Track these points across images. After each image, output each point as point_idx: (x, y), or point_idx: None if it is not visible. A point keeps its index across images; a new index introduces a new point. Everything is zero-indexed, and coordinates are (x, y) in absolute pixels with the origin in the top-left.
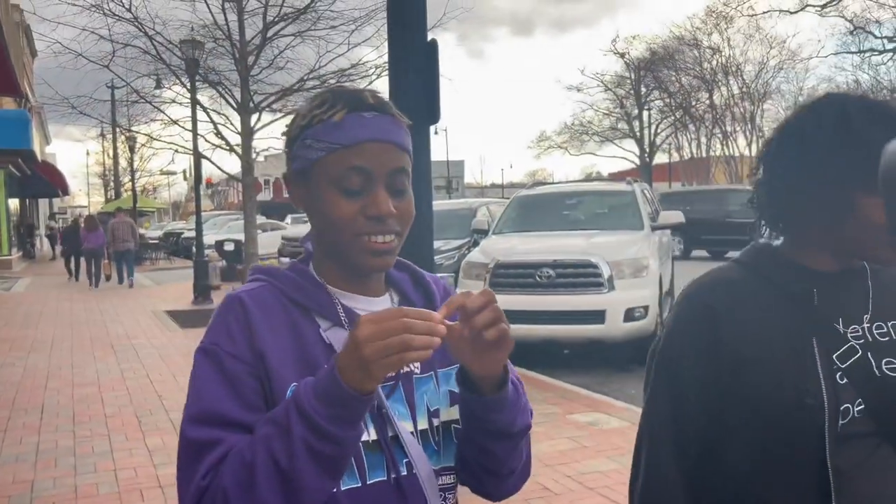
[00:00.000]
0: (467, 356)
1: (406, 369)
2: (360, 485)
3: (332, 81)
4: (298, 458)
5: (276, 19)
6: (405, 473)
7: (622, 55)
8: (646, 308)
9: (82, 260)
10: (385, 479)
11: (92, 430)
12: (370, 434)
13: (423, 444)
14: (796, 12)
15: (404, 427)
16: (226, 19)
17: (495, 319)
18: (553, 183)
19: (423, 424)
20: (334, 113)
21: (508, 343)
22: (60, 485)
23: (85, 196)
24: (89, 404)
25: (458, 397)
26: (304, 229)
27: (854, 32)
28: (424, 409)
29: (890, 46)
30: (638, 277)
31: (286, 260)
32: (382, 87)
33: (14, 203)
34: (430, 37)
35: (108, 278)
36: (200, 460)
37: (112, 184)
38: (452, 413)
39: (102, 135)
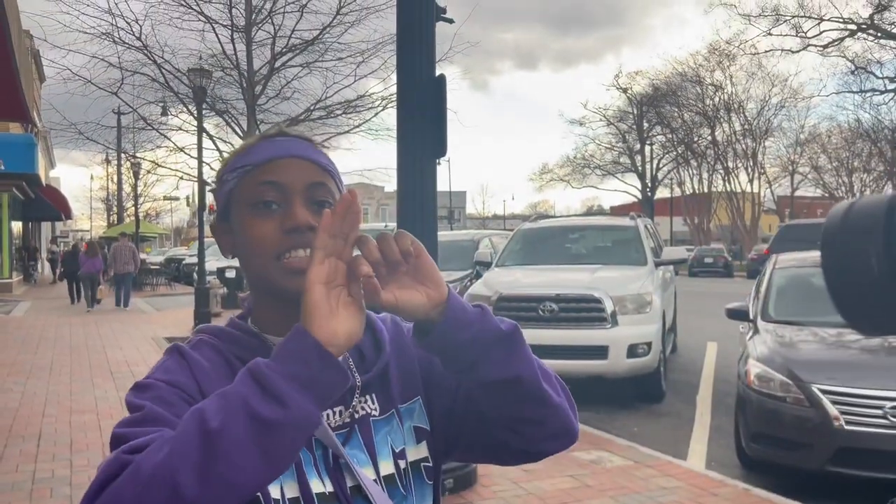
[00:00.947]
0: (399, 298)
1: (361, 412)
2: None
3: (339, 112)
4: (231, 417)
5: (284, 50)
6: None
7: (625, 90)
8: (649, 344)
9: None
10: None
11: (89, 460)
12: (325, 486)
13: (390, 489)
14: (798, 51)
15: (366, 475)
16: (234, 49)
17: (394, 249)
18: (557, 216)
19: (387, 469)
20: (248, 143)
21: (421, 258)
22: None
23: (87, 220)
24: (87, 432)
25: (424, 432)
26: None
27: (855, 72)
28: (388, 452)
29: (891, 87)
30: (641, 313)
31: None
32: (389, 119)
33: (17, 226)
34: (438, 71)
35: (98, 301)
36: (119, 447)
37: (115, 208)
38: (421, 451)
39: (107, 160)
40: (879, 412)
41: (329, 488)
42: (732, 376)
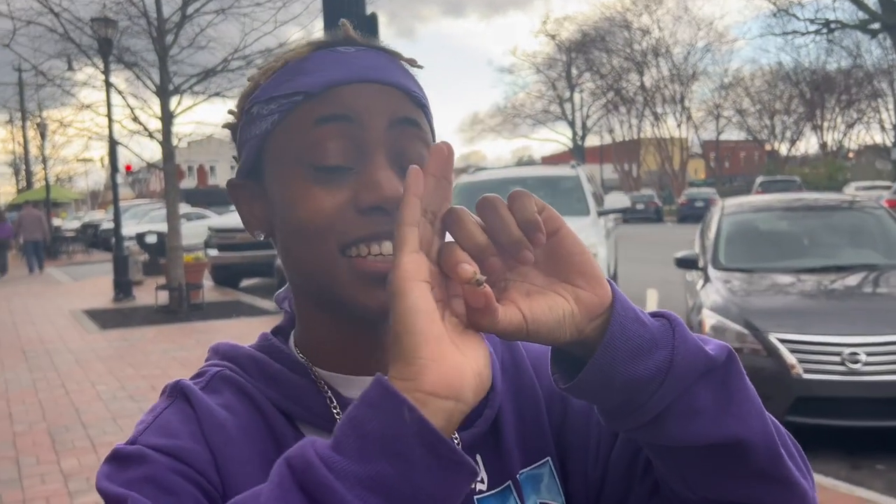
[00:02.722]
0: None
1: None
2: None
3: (259, 62)
4: None
5: None
6: None
7: (553, 37)
8: None
9: None
10: None
11: None
12: None
13: None
14: None
15: None
16: None
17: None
18: (493, 168)
19: None
20: (298, 54)
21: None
22: None
23: None
24: None
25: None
26: (233, 219)
27: (777, 14)
28: None
29: (812, 28)
30: None
31: (214, 252)
32: None
33: None
34: (368, 10)
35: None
36: None
37: (23, 173)
38: None
39: (10, 121)
40: (837, 359)
41: None
42: None
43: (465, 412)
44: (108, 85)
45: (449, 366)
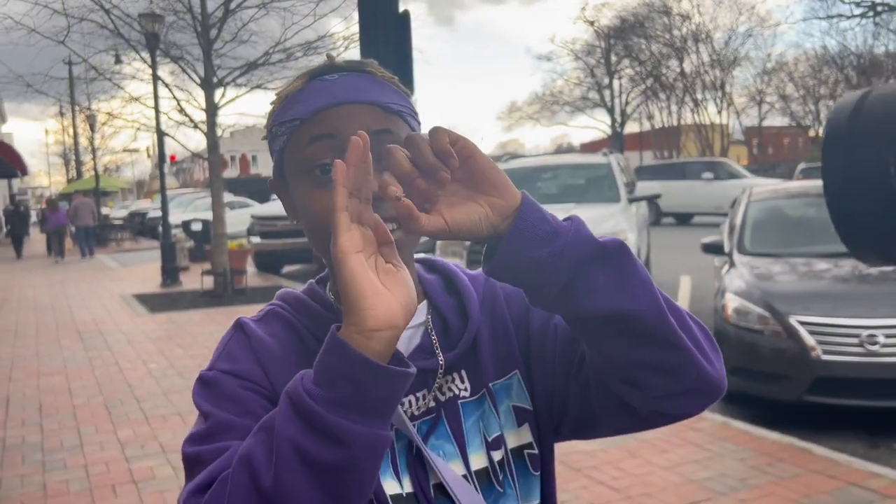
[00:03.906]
0: (455, 216)
1: (448, 394)
2: None
3: (299, 54)
4: (284, 469)
5: None
6: None
7: (591, 23)
8: None
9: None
10: None
11: (60, 423)
12: (403, 486)
13: (485, 488)
14: None
15: (451, 471)
16: None
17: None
18: (528, 156)
19: (479, 463)
20: (295, 86)
21: (474, 156)
22: (29, 483)
23: (46, 176)
24: (56, 395)
25: (526, 413)
26: (275, 207)
27: None
28: (480, 442)
29: (857, 12)
30: None
31: (256, 239)
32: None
33: None
34: (402, 7)
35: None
36: (192, 477)
37: (73, 163)
38: (523, 436)
39: (61, 113)
40: (856, 341)
41: (408, 488)
42: (708, 309)
43: (401, 332)
44: (156, 78)
45: (383, 307)
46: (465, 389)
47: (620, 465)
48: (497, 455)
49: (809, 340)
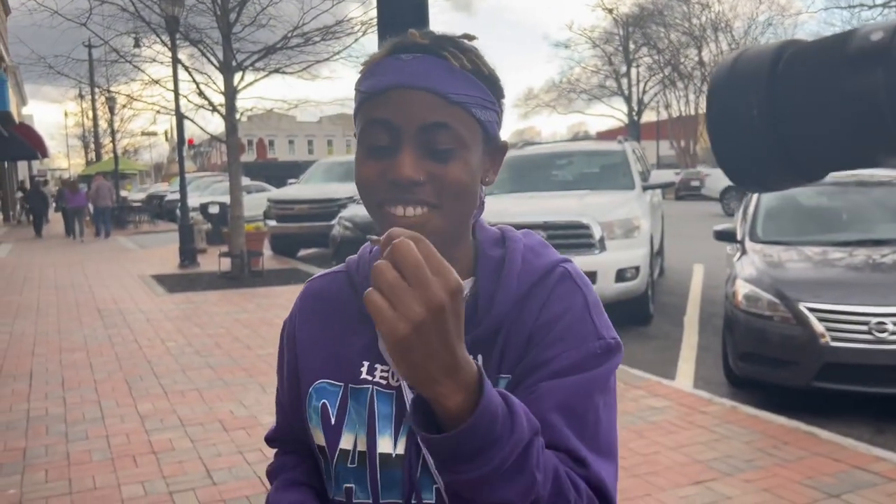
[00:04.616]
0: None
1: None
2: (370, 502)
3: (317, 39)
4: None
5: None
6: (432, 502)
7: (610, 10)
8: (637, 269)
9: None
10: (401, 502)
11: (82, 397)
12: (396, 447)
13: None
14: None
15: None
16: None
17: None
18: (543, 143)
19: None
20: (375, 58)
21: (383, 327)
22: (52, 452)
23: (65, 158)
24: (78, 370)
25: None
26: (291, 191)
27: None
28: None
29: (880, 1)
30: (629, 238)
31: (273, 223)
32: (370, 45)
33: None
34: None
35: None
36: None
37: (92, 145)
38: None
39: (81, 95)
40: (864, 328)
41: (399, 450)
42: (719, 297)
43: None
44: (176, 61)
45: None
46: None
47: (628, 445)
48: None
49: (818, 327)
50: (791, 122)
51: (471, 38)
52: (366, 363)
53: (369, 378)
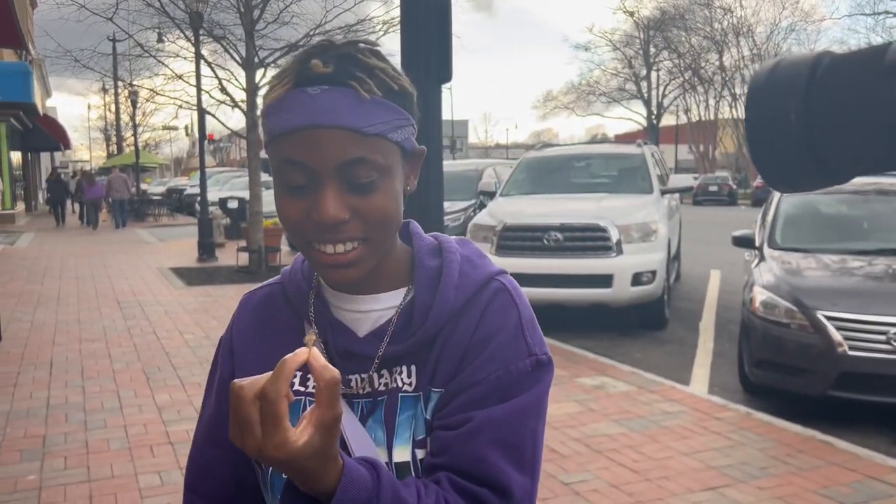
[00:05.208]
0: None
1: (393, 384)
2: None
3: (339, 37)
4: None
5: None
6: None
7: (631, 14)
8: (653, 273)
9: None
10: None
11: (101, 386)
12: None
13: (401, 479)
14: None
15: (358, 426)
16: None
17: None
18: (562, 144)
19: (402, 455)
20: (278, 93)
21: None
22: (71, 440)
23: (87, 150)
24: (97, 360)
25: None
26: None
27: None
28: (408, 437)
29: None
30: (646, 242)
31: None
32: (391, 44)
33: (16, 156)
34: None
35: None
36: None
37: (114, 138)
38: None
39: (104, 89)
40: (882, 338)
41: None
42: (735, 303)
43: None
44: (199, 56)
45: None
46: (410, 385)
47: (641, 449)
48: (421, 454)
49: (836, 336)
50: (827, 127)
51: (373, 44)
52: (298, 373)
53: (301, 389)
